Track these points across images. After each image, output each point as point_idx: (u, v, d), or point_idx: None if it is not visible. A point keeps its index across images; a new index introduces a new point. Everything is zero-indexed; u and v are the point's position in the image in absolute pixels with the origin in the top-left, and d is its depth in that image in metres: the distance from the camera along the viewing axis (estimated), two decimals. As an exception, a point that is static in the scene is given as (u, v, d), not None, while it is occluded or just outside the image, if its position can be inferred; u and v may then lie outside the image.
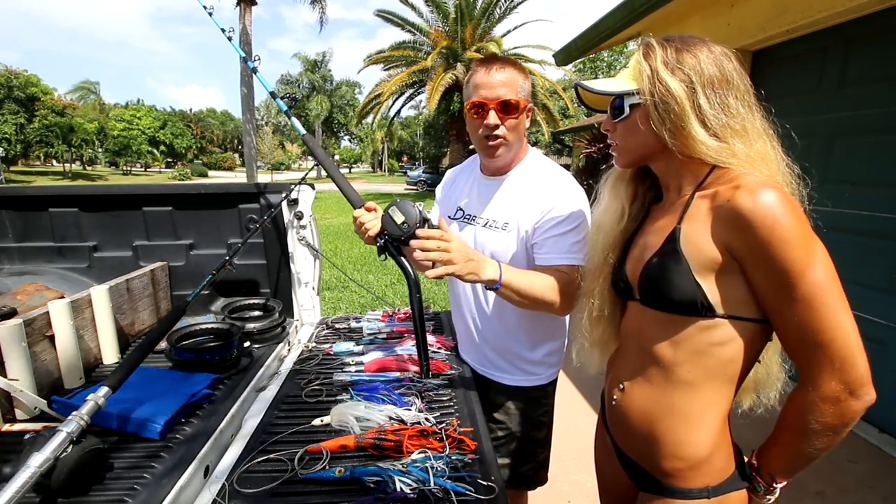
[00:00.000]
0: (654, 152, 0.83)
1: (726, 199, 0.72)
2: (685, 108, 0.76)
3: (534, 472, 1.41)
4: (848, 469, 2.24)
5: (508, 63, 1.17)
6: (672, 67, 0.77)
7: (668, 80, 0.76)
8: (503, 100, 1.13)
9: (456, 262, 0.99)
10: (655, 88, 0.77)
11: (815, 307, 0.67)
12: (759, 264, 0.70)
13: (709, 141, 0.76)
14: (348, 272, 6.07)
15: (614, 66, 26.13)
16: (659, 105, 0.77)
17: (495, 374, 1.34)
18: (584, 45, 4.50)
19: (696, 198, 0.79)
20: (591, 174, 8.99)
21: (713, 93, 0.76)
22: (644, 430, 0.84)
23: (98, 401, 0.87)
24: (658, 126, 0.78)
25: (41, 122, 29.87)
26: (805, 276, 0.67)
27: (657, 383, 0.82)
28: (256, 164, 16.39)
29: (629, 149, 0.86)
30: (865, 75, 2.57)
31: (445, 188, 1.46)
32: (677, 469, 0.79)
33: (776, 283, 0.69)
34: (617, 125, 0.86)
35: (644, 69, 0.79)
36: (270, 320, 1.56)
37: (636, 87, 0.80)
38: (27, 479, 0.71)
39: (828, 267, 0.68)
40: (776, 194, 0.69)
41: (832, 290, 0.67)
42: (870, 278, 2.55)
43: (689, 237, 0.76)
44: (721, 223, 0.73)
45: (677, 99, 0.76)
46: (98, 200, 1.73)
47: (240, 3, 14.66)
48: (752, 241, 0.69)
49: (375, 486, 0.83)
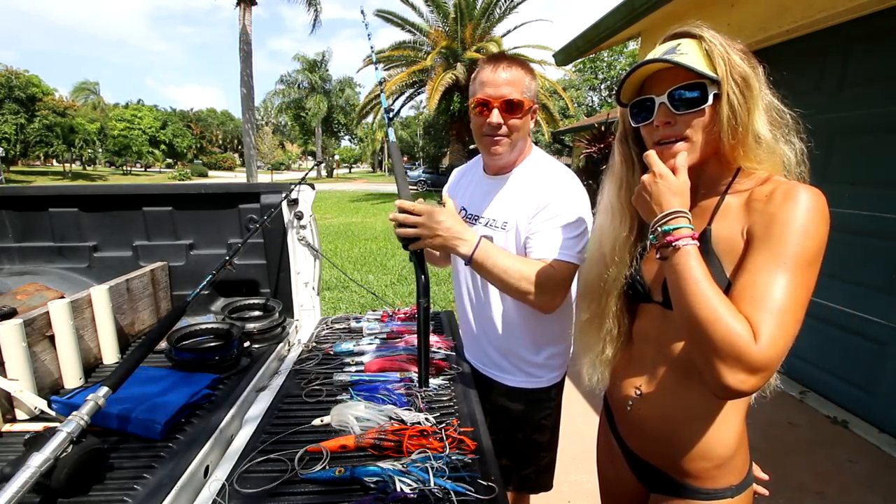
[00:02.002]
0: (708, 154, 0.76)
1: (767, 193, 0.70)
2: (757, 100, 0.70)
3: (536, 475, 1.39)
4: (848, 469, 2.24)
5: (516, 62, 1.16)
6: (740, 55, 0.71)
7: (745, 68, 0.69)
8: (507, 99, 1.12)
9: (422, 236, 1.00)
10: (734, 75, 0.69)
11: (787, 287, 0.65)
12: (766, 238, 0.68)
13: (769, 139, 0.71)
14: (348, 272, 6.07)
15: (614, 65, 26.14)
16: (736, 95, 0.69)
17: (497, 374, 1.34)
18: (584, 45, 4.50)
19: (726, 198, 0.76)
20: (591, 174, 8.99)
21: (767, 90, 0.72)
22: (668, 434, 0.82)
23: (98, 401, 0.87)
24: (731, 119, 0.70)
25: (41, 123, 29.87)
26: (800, 265, 0.65)
27: (680, 386, 0.80)
28: (256, 164, 16.40)
29: (702, 143, 0.74)
30: (865, 75, 2.57)
31: (451, 189, 1.47)
32: (704, 469, 0.79)
33: (770, 252, 0.67)
34: (685, 118, 0.73)
35: (720, 53, 0.70)
36: (270, 320, 1.56)
37: (717, 74, 0.70)
38: (27, 479, 0.71)
39: (813, 282, 0.66)
40: (818, 195, 0.67)
41: (806, 297, 0.66)
42: (870, 278, 2.55)
43: (720, 236, 0.74)
44: (751, 211, 0.71)
45: (753, 90, 0.70)
46: (98, 200, 1.73)
47: (240, 3, 14.68)
48: (772, 218, 0.67)
49: (375, 486, 0.83)
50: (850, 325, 2.66)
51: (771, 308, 0.63)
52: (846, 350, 2.69)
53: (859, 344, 2.63)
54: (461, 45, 15.22)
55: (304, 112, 36.01)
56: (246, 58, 14.80)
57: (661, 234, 0.71)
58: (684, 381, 0.80)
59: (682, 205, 0.71)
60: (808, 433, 2.53)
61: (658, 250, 0.73)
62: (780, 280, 0.64)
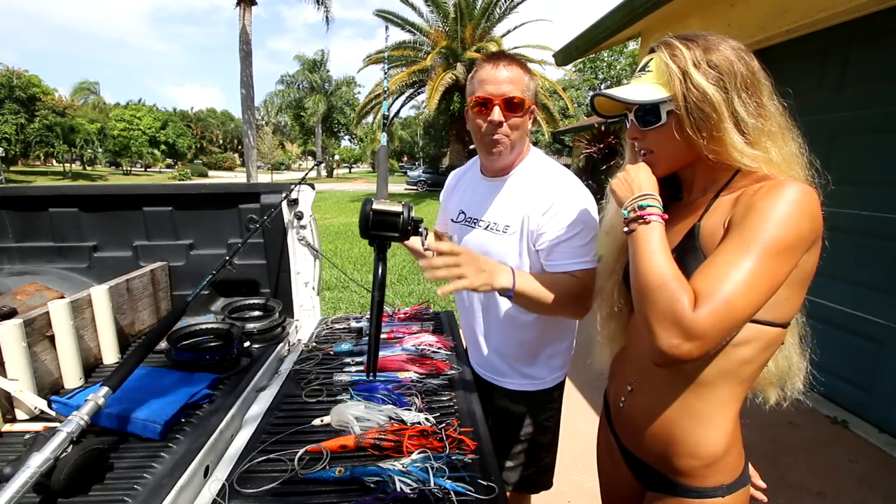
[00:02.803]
0: (690, 159, 0.80)
1: (755, 189, 0.71)
2: (723, 114, 0.72)
3: (538, 476, 1.39)
4: (848, 469, 2.25)
5: (515, 61, 1.15)
6: (704, 70, 0.73)
7: (704, 85, 0.72)
8: (508, 97, 1.10)
9: (467, 276, 0.96)
10: (690, 94, 0.73)
11: (746, 266, 0.64)
12: (740, 223, 0.68)
13: (745, 149, 0.73)
14: (348, 272, 6.07)
15: (614, 65, 26.13)
16: (693, 111, 0.73)
17: (498, 378, 1.33)
18: (584, 45, 4.50)
19: (720, 196, 0.77)
20: (591, 174, 8.99)
21: (747, 95, 0.73)
22: (657, 430, 0.83)
23: (98, 401, 0.87)
24: (694, 133, 0.74)
25: (41, 123, 29.87)
26: (761, 255, 0.64)
27: (670, 384, 0.81)
28: (256, 164, 16.40)
29: (668, 157, 0.81)
30: (865, 75, 2.57)
31: (448, 191, 1.45)
32: (693, 468, 0.79)
33: (737, 235, 0.67)
34: (648, 133, 0.80)
35: (675, 72, 0.74)
36: (270, 320, 1.56)
37: (667, 93, 0.75)
38: (27, 479, 0.71)
39: (781, 266, 0.66)
40: (805, 189, 0.67)
41: (767, 281, 0.65)
42: (870, 278, 2.55)
43: (706, 230, 0.75)
44: (737, 204, 0.71)
45: (715, 105, 0.72)
46: (98, 200, 1.73)
47: (240, 3, 14.68)
48: (750, 206, 0.68)
49: (375, 486, 0.83)
50: (850, 325, 2.66)
51: (721, 282, 0.64)
52: (846, 350, 2.68)
53: (859, 344, 2.63)
54: (461, 45, 15.23)
55: (304, 112, 36.00)
56: (246, 58, 14.80)
57: (635, 209, 0.78)
58: (674, 379, 0.80)
59: (654, 191, 0.79)
60: (808, 433, 2.53)
61: (628, 224, 0.79)
62: (741, 261, 0.65)
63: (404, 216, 1.00)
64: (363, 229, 1.01)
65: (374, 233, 0.99)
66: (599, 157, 9.70)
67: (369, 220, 1.00)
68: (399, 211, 1.00)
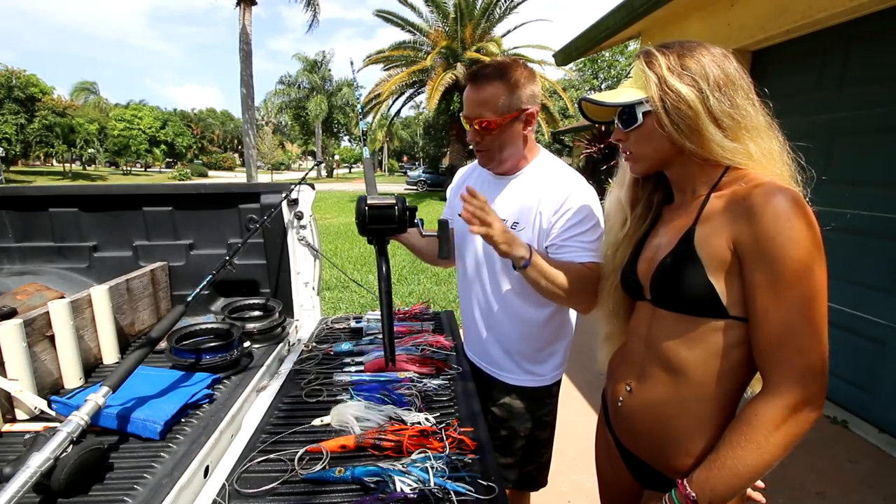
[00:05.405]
0: (671, 157, 0.83)
1: (742, 195, 0.73)
2: (698, 111, 0.76)
3: (537, 472, 1.41)
4: (848, 469, 2.25)
5: (494, 77, 1.14)
6: (678, 73, 0.77)
7: (678, 86, 0.76)
8: (478, 120, 1.16)
9: (493, 226, 1.01)
10: (666, 96, 0.77)
11: (806, 312, 0.68)
12: (761, 258, 0.70)
13: (724, 142, 0.76)
14: (348, 272, 6.06)
15: (614, 65, 26.11)
16: (671, 111, 0.77)
17: (500, 373, 1.34)
18: (584, 45, 4.50)
19: (711, 198, 0.79)
20: (591, 174, 8.99)
21: (721, 94, 0.76)
22: (654, 430, 0.84)
23: (98, 401, 0.87)
24: (673, 131, 0.78)
25: (41, 123, 29.86)
26: (804, 280, 0.68)
27: (667, 384, 0.82)
28: (256, 164, 16.40)
29: (646, 156, 0.85)
30: (865, 75, 2.57)
31: (455, 189, 1.48)
32: (690, 466, 0.79)
33: (773, 279, 0.69)
34: (629, 134, 0.85)
35: (650, 77, 0.79)
36: (270, 320, 1.55)
37: (644, 95, 0.80)
38: (27, 479, 0.71)
39: (824, 279, 0.69)
40: (793, 196, 0.69)
41: (824, 302, 0.69)
42: (870, 278, 2.55)
43: (704, 237, 0.77)
44: (733, 218, 0.73)
45: (690, 103, 0.76)
46: (98, 200, 1.73)
47: (240, 3, 14.68)
48: (760, 234, 0.69)
49: (375, 486, 0.83)
50: (850, 325, 2.66)
51: (811, 351, 0.71)
52: (846, 350, 2.68)
53: (859, 344, 2.62)
54: (461, 45, 15.22)
55: (305, 112, 35.95)
56: (246, 58, 14.79)
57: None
58: (670, 379, 0.81)
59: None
60: (808, 433, 2.53)
61: None
62: (801, 316, 0.70)
63: (399, 207, 1.01)
64: (361, 225, 1.02)
65: (372, 227, 1.01)
66: (599, 157, 9.70)
67: (366, 215, 1.00)
68: (392, 203, 1.02)
